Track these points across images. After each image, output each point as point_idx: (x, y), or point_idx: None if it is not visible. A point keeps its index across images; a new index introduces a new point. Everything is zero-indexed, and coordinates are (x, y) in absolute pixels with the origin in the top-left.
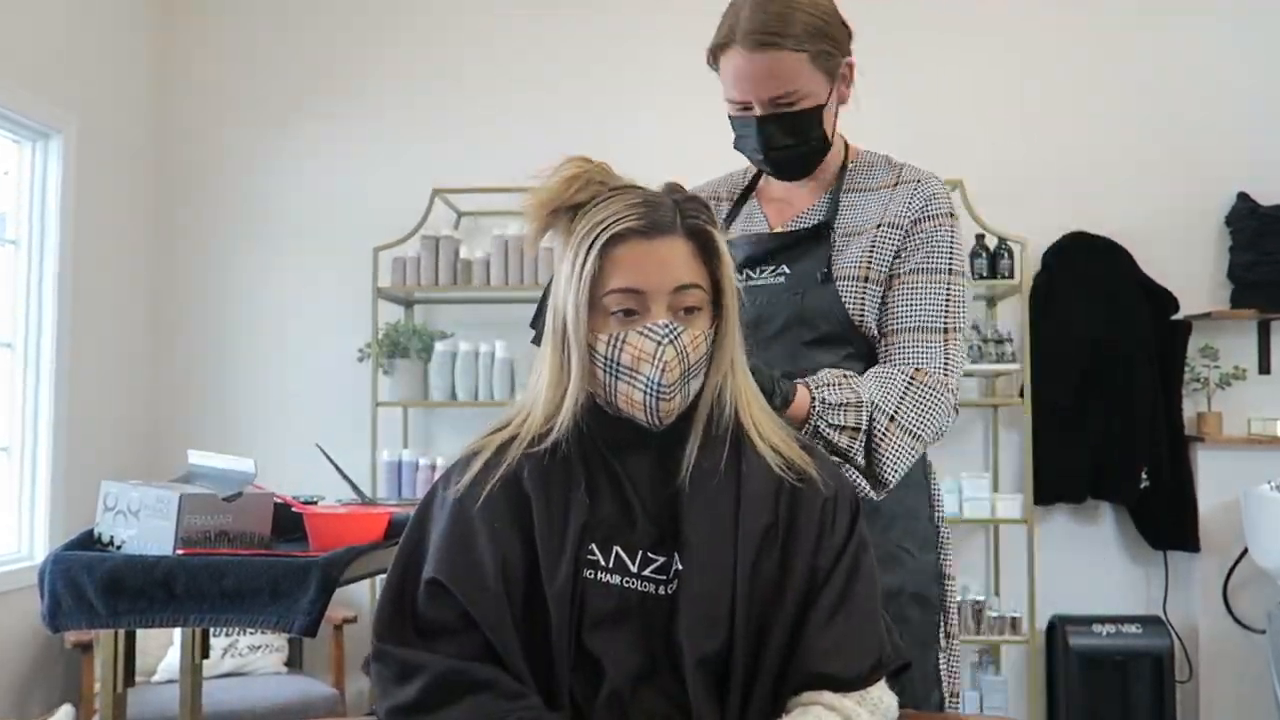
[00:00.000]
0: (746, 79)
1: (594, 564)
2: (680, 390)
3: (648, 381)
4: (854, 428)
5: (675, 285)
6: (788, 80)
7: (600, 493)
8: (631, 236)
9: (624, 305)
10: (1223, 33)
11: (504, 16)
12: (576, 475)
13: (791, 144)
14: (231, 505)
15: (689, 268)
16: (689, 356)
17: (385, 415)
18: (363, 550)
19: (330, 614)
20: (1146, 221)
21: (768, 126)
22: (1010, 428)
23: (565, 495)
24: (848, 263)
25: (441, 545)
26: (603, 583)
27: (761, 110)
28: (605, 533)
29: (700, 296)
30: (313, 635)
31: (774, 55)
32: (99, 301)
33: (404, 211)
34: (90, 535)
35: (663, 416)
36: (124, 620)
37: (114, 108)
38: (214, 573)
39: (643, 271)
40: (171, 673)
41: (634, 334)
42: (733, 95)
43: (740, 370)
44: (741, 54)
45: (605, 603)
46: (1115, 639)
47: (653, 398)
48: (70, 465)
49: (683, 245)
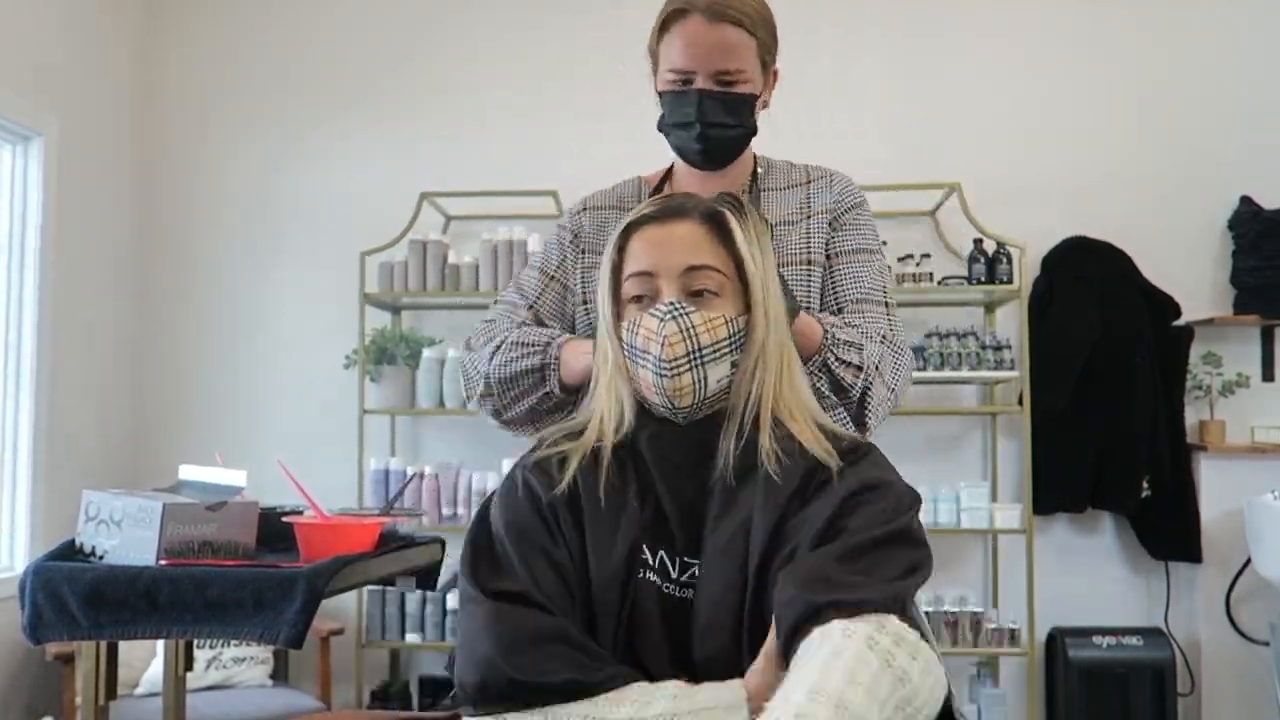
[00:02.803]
0: (698, 46)
1: (645, 564)
2: (690, 370)
3: (654, 360)
4: (858, 366)
5: (685, 266)
6: (737, 57)
7: (648, 493)
8: (645, 224)
9: (638, 290)
10: (1224, 32)
11: (491, 20)
12: (628, 475)
13: (729, 123)
14: (216, 515)
15: (702, 249)
16: (697, 336)
17: (372, 423)
18: (350, 561)
19: (317, 625)
20: (1147, 225)
21: (708, 101)
22: (1009, 436)
23: (617, 496)
24: (790, 250)
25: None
26: (651, 583)
27: (704, 83)
28: (653, 534)
29: (717, 279)
30: (298, 647)
31: (731, 30)
32: (80, 306)
33: (391, 215)
34: (72, 545)
35: (672, 397)
36: (106, 632)
37: (96, 110)
38: (197, 584)
39: (652, 253)
40: (155, 685)
41: (645, 315)
42: (677, 64)
43: (779, 360)
44: (699, 21)
45: (651, 606)
46: (1116, 651)
47: (658, 375)
48: (51, 474)
49: (696, 228)
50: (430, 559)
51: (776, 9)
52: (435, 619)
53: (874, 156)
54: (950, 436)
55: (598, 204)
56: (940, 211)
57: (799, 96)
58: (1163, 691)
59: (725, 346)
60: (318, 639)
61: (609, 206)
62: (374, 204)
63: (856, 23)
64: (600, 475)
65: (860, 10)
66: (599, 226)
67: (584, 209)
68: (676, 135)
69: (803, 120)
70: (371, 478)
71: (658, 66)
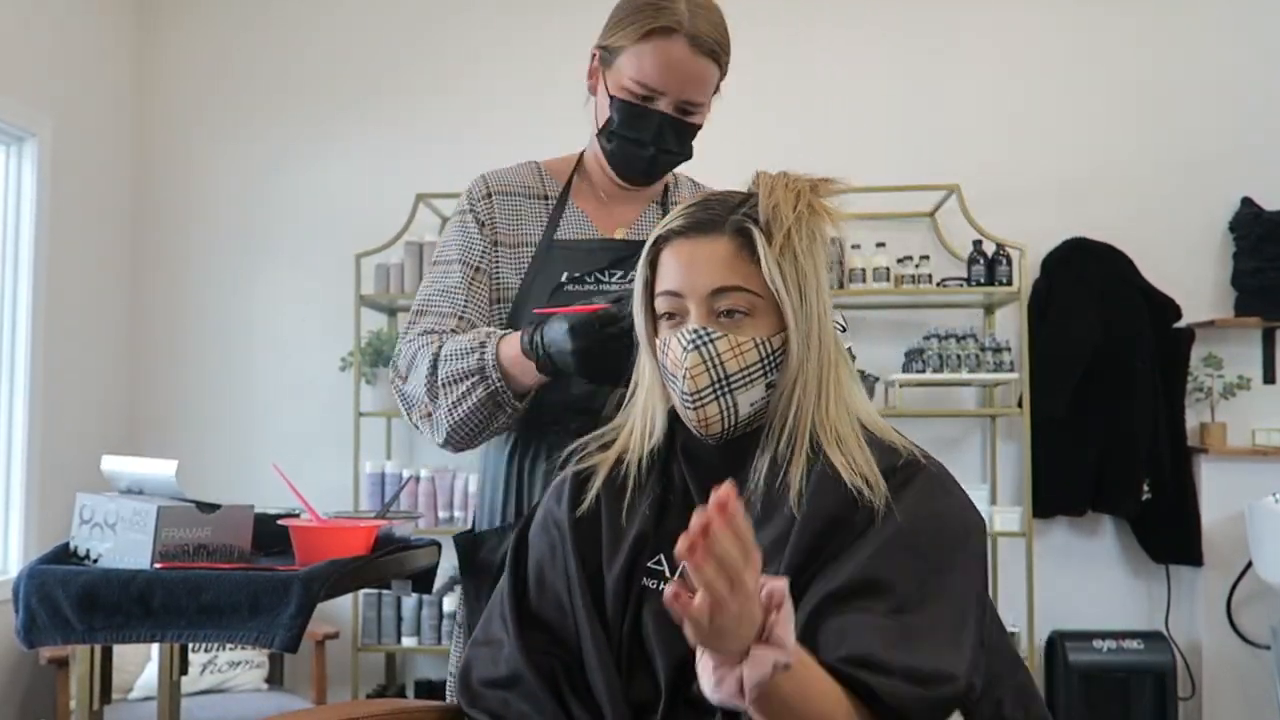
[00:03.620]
0: (675, 72)
1: (658, 574)
2: (716, 399)
3: (679, 390)
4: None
5: (711, 288)
6: (705, 90)
7: (674, 505)
8: (675, 238)
9: (668, 308)
10: (1224, 33)
11: (487, 21)
12: (653, 485)
13: (675, 151)
14: (211, 518)
15: (730, 269)
16: (723, 365)
17: (368, 426)
18: (346, 564)
19: (312, 629)
20: (1148, 226)
21: (668, 127)
22: (1008, 438)
23: (633, 505)
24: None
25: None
26: (662, 593)
27: (666, 108)
28: (674, 546)
29: (748, 300)
30: (293, 651)
31: (707, 63)
32: (75, 308)
33: (386, 217)
34: (66, 548)
35: (699, 426)
36: (100, 636)
37: (91, 111)
38: (192, 587)
39: (680, 274)
40: (149, 689)
41: (673, 339)
42: (648, 81)
43: (819, 381)
44: (683, 47)
45: (664, 616)
46: (1116, 655)
47: (684, 406)
48: (45, 477)
49: (725, 246)
50: (426, 562)
51: (776, 12)
52: (431, 622)
53: (873, 158)
54: (949, 439)
55: (503, 187)
56: (939, 213)
57: (798, 98)
58: (1163, 696)
59: (757, 370)
60: (313, 643)
61: (516, 193)
62: (369, 205)
63: (855, 24)
64: (625, 488)
65: (859, 12)
66: (512, 214)
67: (489, 194)
68: (623, 147)
69: (802, 122)
70: (367, 480)
71: (614, 65)
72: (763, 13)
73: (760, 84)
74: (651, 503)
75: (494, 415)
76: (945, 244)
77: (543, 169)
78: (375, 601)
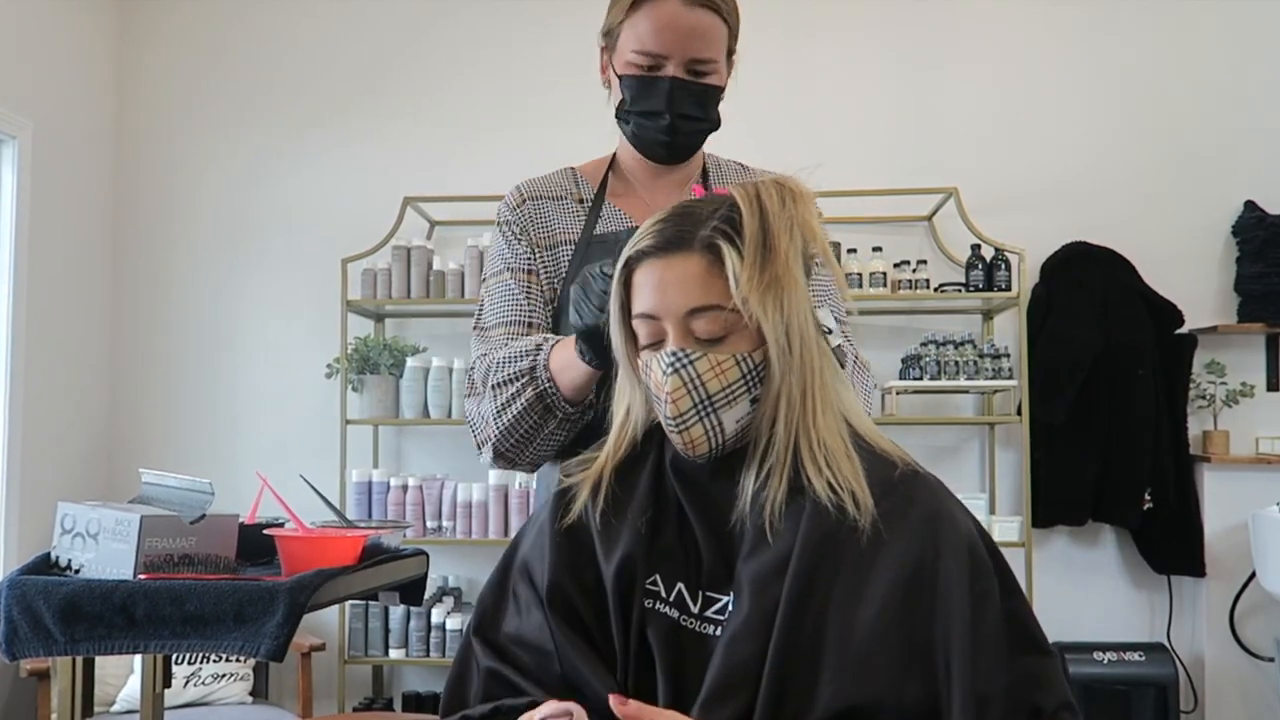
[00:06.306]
0: (673, 30)
1: (654, 594)
2: (700, 420)
3: (663, 414)
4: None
5: (686, 309)
6: (712, 46)
7: (667, 523)
8: (645, 259)
9: (645, 330)
10: (1226, 36)
11: (475, 25)
12: (645, 502)
13: (697, 116)
14: (195, 528)
15: (703, 289)
16: (704, 385)
17: (354, 434)
18: (333, 574)
19: (298, 641)
20: (1149, 231)
21: (679, 91)
22: (1007, 447)
23: (625, 522)
24: None
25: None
26: (661, 614)
27: (675, 71)
28: (670, 566)
29: (723, 320)
30: (279, 660)
31: (708, 15)
32: (56, 314)
33: (374, 221)
34: (47, 559)
35: (686, 449)
36: (82, 647)
37: (72, 112)
38: (175, 598)
39: (653, 296)
40: (132, 702)
41: (654, 361)
42: (648, 47)
43: (801, 394)
44: (678, 5)
45: (662, 636)
46: (1117, 667)
47: (669, 430)
48: (25, 485)
49: (696, 263)
50: (414, 573)
51: (773, 15)
52: (419, 634)
53: (870, 161)
54: (947, 447)
55: (536, 193)
56: (937, 217)
57: (796, 100)
58: (1165, 708)
59: (739, 387)
60: (299, 655)
61: (551, 197)
62: (356, 209)
63: (853, 29)
64: (616, 503)
65: (858, 15)
66: (547, 218)
67: (523, 200)
68: (639, 124)
69: (800, 124)
70: (354, 489)
71: (616, 46)
72: (761, 18)
73: (759, 88)
74: (646, 520)
75: (544, 420)
76: (943, 248)
77: (578, 173)
78: (363, 613)
